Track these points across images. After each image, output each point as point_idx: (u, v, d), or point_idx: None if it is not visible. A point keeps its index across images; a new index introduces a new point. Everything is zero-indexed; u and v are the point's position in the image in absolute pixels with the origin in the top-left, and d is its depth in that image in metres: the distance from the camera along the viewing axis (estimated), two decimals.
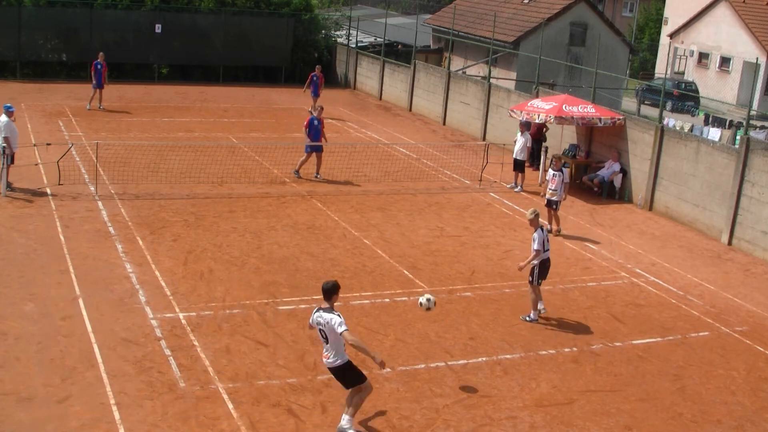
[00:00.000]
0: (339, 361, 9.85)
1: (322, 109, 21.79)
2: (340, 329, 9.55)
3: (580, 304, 14.72)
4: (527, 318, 13.75)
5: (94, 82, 27.98)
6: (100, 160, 20.36)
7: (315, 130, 21.00)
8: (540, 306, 13.81)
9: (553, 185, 18.15)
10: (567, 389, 11.56)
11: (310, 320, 10.00)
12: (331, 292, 9.80)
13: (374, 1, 67.69)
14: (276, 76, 37.39)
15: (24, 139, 20.99)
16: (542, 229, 13.70)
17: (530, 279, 13.69)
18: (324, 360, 9.99)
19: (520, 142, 21.94)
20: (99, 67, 27.78)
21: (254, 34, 36.83)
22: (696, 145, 20.37)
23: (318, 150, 21.22)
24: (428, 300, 11.48)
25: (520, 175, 22.18)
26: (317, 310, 9.85)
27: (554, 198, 18.25)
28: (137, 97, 31.34)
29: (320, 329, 9.81)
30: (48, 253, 14.96)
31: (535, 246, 13.53)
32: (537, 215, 13.80)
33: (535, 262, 13.60)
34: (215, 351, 11.77)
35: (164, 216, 17.60)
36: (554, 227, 18.35)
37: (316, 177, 21.26)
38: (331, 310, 9.77)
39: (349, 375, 9.94)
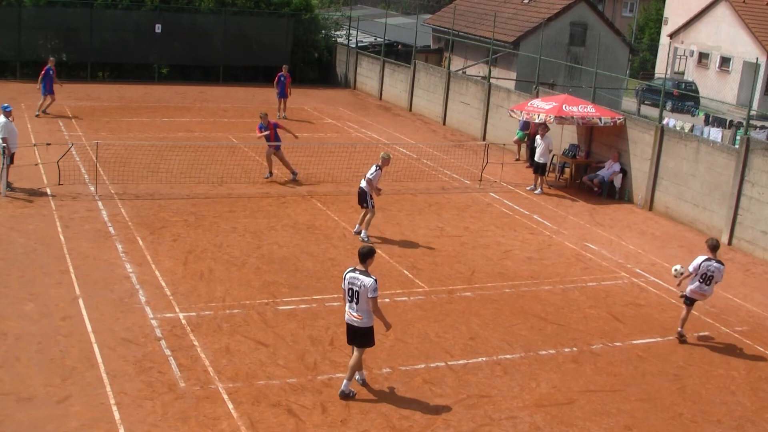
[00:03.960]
0: (369, 323, 10.60)
1: (266, 115, 21.14)
2: (372, 294, 10.36)
3: (580, 304, 14.72)
4: (362, 236, 16.80)
5: (40, 87, 26.43)
6: (100, 160, 20.36)
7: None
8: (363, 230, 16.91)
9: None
10: (567, 389, 11.56)
11: (345, 280, 10.56)
12: (367, 255, 10.52)
13: (374, 1, 67.67)
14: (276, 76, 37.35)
15: (24, 139, 20.99)
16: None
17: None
18: (352, 319, 10.61)
19: (541, 146, 21.96)
20: (51, 72, 26.45)
21: (254, 34, 36.83)
22: (696, 145, 20.37)
23: (276, 149, 21.03)
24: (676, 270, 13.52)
25: (540, 177, 22.20)
26: (352, 270, 10.51)
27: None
28: (137, 97, 31.34)
29: (354, 289, 10.46)
30: (48, 253, 14.96)
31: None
32: (385, 158, 17.00)
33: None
34: (215, 351, 11.77)
35: (164, 216, 17.60)
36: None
37: (292, 178, 21.02)
38: (367, 273, 10.49)
39: (369, 337, 10.72)
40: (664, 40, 55.37)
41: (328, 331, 12.71)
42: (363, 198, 16.94)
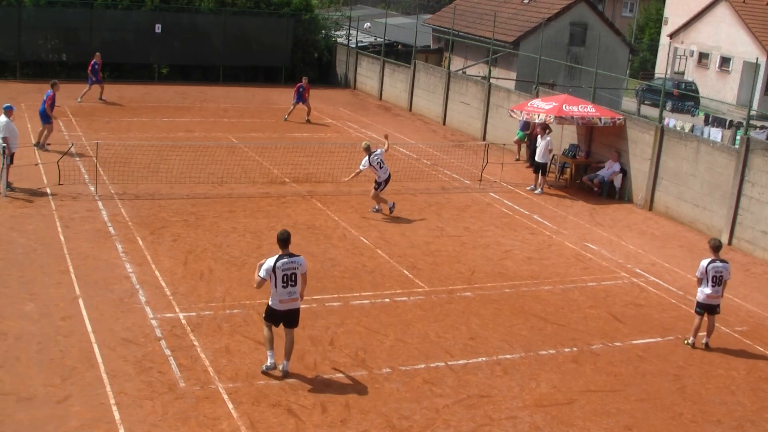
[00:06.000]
0: (300, 301, 11.10)
1: (56, 84, 23.14)
2: (305, 270, 11.01)
3: (580, 304, 14.72)
4: (374, 209, 18.85)
5: (93, 79, 29.31)
6: (100, 160, 20.36)
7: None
8: (388, 204, 18.83)
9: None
10: (567, 389, 11.57)
11: (270, 268, 10.73)
12: (289, 239, 10.98)
13: (374, 1, 67.67)
14: (276, 76, 37.38)
15: (24, 139, 20.99)
16: (372, 154, 18.50)
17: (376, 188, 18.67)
18: (288, 305, 10.92)
19: (541, 145, 21.97)
20: (97, 66, 29.24)
21: (254, 34, 36.82)
22: (696, 145, 20.37)
23: (47, 122, 22.32)
24: None
25: (540, 177, 22.21)
26: (280, 257, 10.79)
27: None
28: (137, 97, 31.34)
29: (290, 274, 10.78)
30: (48, 253, 14.96)
31: (360, 167, 18.61)
32: (367, 146, 18.72)
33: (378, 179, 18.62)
34: (215, 351, 11.77)
35: (164, 216, 17.60)
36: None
37: (36, 146, 22.06)
38: (295, 254, 11.01)
39: (298, 316, 11.19)
40: (664, 40, 55.37)
41: (328, 331, 12.71)
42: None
